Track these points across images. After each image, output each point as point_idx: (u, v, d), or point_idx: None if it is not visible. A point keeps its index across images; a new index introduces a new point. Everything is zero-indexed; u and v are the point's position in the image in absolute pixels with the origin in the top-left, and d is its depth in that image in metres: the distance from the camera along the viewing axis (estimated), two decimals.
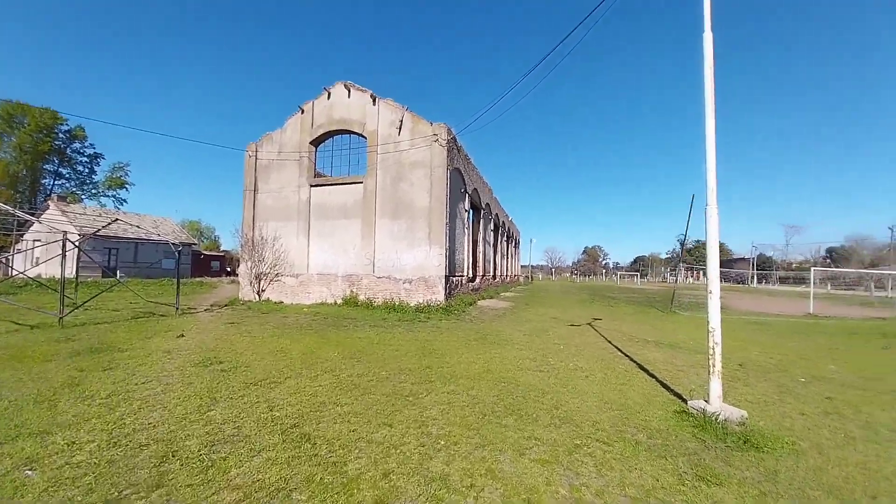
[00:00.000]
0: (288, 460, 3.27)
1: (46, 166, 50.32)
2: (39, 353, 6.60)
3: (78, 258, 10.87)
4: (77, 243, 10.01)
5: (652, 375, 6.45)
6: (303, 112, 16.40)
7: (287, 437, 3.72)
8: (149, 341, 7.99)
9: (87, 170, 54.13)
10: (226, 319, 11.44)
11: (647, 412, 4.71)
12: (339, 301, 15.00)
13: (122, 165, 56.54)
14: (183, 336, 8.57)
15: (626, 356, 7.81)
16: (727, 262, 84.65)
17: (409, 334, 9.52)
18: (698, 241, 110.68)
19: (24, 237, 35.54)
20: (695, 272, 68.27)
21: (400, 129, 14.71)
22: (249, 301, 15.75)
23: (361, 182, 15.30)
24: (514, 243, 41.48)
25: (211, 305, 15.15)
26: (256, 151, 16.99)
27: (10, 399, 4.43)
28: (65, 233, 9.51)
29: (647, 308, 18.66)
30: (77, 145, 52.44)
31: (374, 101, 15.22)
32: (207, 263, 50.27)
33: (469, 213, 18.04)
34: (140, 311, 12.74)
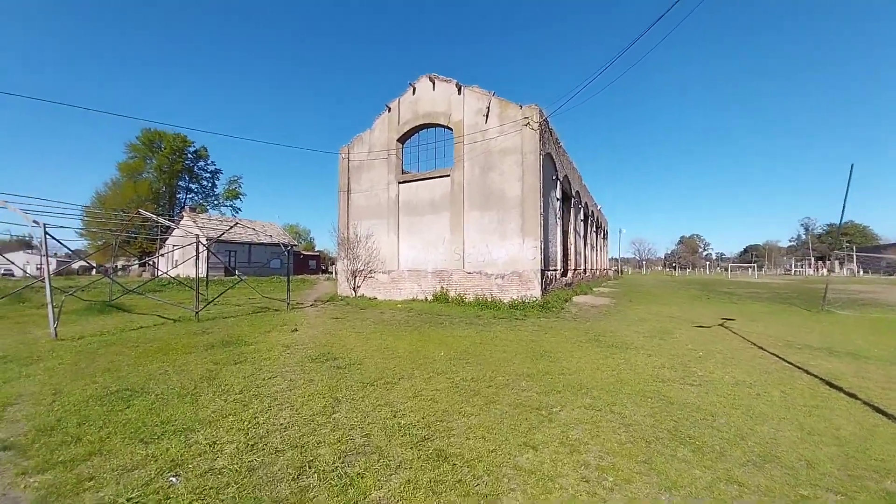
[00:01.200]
0: (430, 485, 2.81)
1: (180, 183, 59.98)
2: (181, 345, 7.30)
3: (207, 259, 12.31)
4: (206, 246, 11.21)
5: (851, 395, 4.91)
6: (389, 110, 16.64)
7: (420, 452, 3.29)
8: (268, 335, 8.50)
9: (209, 184, 63.34)
10: (330, 315, 11.97)
11: (876, 448, 3.43)
12: (430, 297, 14.92)
13: (236, 178, 65.20)
14: (297, 331, 9.00)
15: (798, 368, 6.18)
16: (873, 248, 68.94)
17: (511, 333, 8.86)
18: (831, 226, 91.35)
19: (167, 242, 42.60)
20: (828, 262, 56.60)
21: (487, 116, 14.03)
22: (347, 297, 16.52)
23: (449, 175, 14.98)
24: (602, 234, 38.32)
25: (314, 301, 16.20)
26: (349, 153, 17.73)
27: (157, 392, 4.74)
28: (197, 236, 10.67)
29: (785, 306, 15.47)
30: (202, 163, 61.58)
31: (458, 90, 14.77)
32: (306, 262, 55.44)
33: (559, 201, 16.71)
34: (257, 306, 14.02)
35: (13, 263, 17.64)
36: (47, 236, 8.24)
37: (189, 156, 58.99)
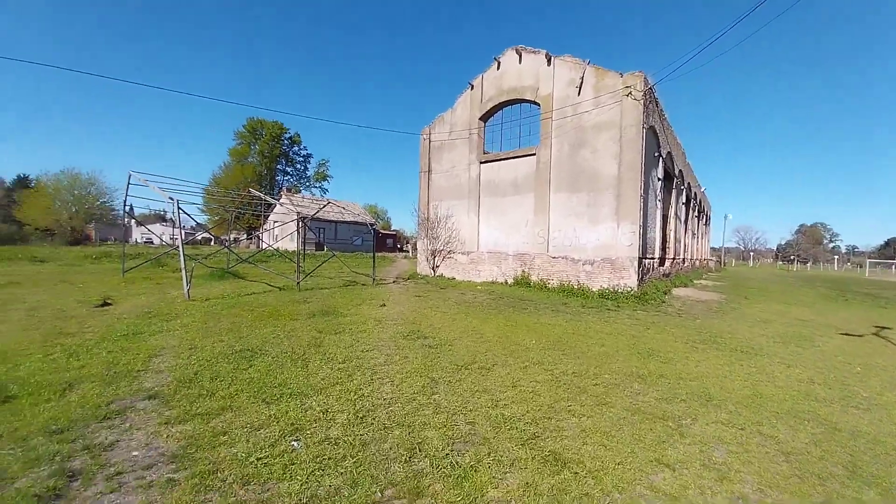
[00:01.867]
0: (552, 493, 2.52)
1: (277, 166, 66.40)
2: (287, 312, 7.92)
3: (304, 235, 13.38)
4: (306, 223, 12.08)
5: None
6: (472, 88, 16.13)
7: (534, 452, 3.01)
8: (360, 308, 8.89)
9: (302, 167, 69.15)
10: (412, 292, 12.24)
11: None
12: (510, 280, 14.50)
13: (324, 162, 70.26)
14: (385, 306, 9.29)
15: None
16: None
17: (605, 325, 8.13)
18: None
19: (268, 219, 47.67)
20: None
21: (580, 87, 12.82)
22: (426, 276, 16.85)
23: (534, 154, 14.15)
24: (704, 220, 33.90)
25: (396, 278, 16.80)
26: (430, 134, 17.72)
27: (273, 355, 5.10)
28: (299, 213, 11.51)
29: None
30: (296, 148, 67.26)
31: (548, 61, 13.68)
32: (384, 240, 58.34)
33: (661, 182, 14.87)
34: (346, 279, 14.93)
35: (152, 233, 21.09)
36: (179, 211, 9.45)
37: (285, 141, 64.81)
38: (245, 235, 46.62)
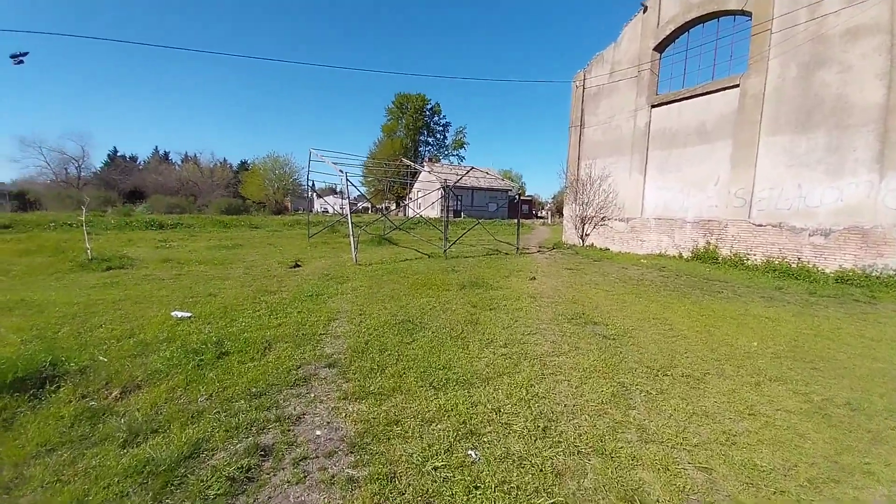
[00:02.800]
0: None
1: (420, 137, 70.49)
2: (439, 282, 7.84)
3: (447, 203, 13.44)
4: (452, 191, 11.96)
5: None
6: (645, 10, 12.97)
7: None
8: (509, 280, 8.29)
9: (441, 136, 71.80)
10: (561, 264, 11.05)
11: None
12: (687, 254, 11.78)
13: (461, 129, 71.41)
14: (535, 279, 8.46)
15: None
16: None
17: (865, 326, 5.59)
18: None
19: (413, 188, 51.44)
20: None
21: None
22: (574, 245, 15.24)
23: (736, 85, 10.66)
24: None
25: (539, 247, 15.71)
26: (584, 80, 15.32)
27: (432, 329, 4.85)
28: (444, 181, 11.41)
29: None
30: (436, 118, 69.94)
31: None
32: (519, 207, 56.83)
33: None
34: (488, 248, 14.61)
35: (328, 203, 24.75)
36: (348, 182, 10.28)
37: (427, 113, 67.91)
38: (395, 204, 51.76)
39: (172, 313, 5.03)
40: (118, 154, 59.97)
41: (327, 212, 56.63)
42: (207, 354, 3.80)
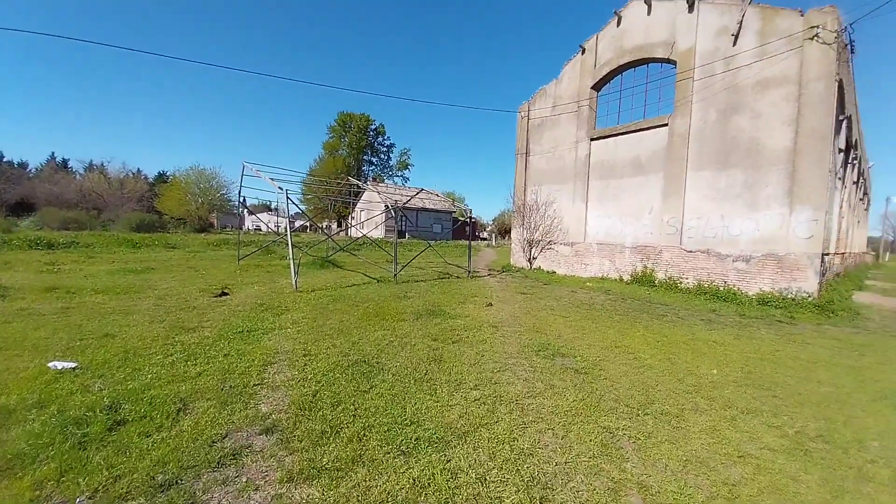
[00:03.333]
0: None
1: (364, 157, 69.43)
2: (392, 310, 7.21)
3: (396, 224, 12.91)
4: (399, 212, 11.47)
5: None
6: (583, 52, 13.96)
7: None
8: (465, 307, 7.90)
9: (386, 157, 71.44)
10: (514, 288, 10.98)
11: None
12: (627, 277, 12.40)
13: (406, 151, 71.74)
14: (492, 305, 8.18)
15: None
16: None
17: (796, 348, 6.03)
18: None
19: (356, 208, 50.00)
20: None
21: (737, 35, 10.04)
22: (522, 268, 15.43)
23: (665, 125, 11.70)
24: (866, 204, 26.86)
25: (489, 269, 15.68)
26: (528, 111, 16.00)
27: (392, 371, 4.25)
28: (394, 202, 10.91)
29: None
30: (381, 139, 69.61)
31: (690, 7, 11.00)
32: (462, 229, 57.77)
33: (842, 154, 11.33)
34: (438, 270, 14.22)
35: (261, 221, 22.82)
36: (288, 200, 9.34)
37: (371, 133, 67.37)
38: (336, 224, 49.73)
39: (50, 364, 3.85)
40: (3, 160, 51.00)
41: (260, 230, 52.69)
42: (95, 426, 2.84)
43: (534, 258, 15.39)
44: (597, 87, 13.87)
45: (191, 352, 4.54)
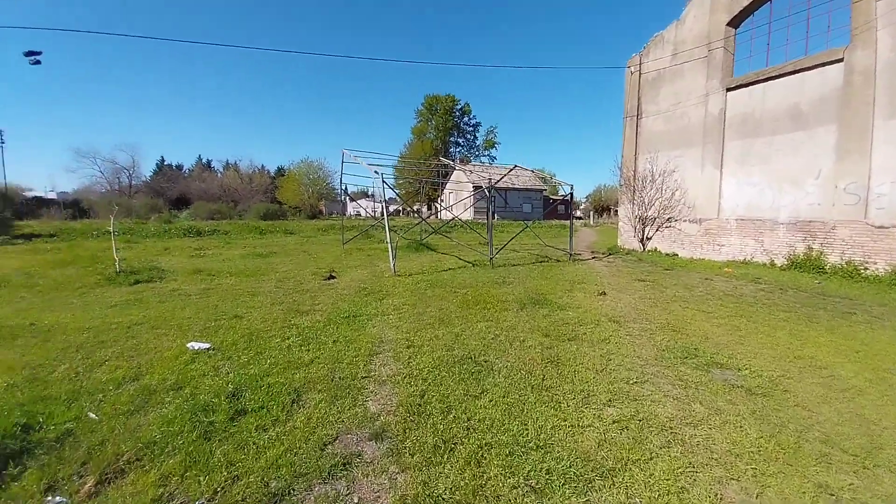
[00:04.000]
0: None
1: (450, 138, 69.56)
2: (492, 297, 6.70)
3: (491, 205, 12.29)
4: (493, 193, 10.81)
5: None
6: None
7: None
8: (573, 295, 7.03)
9: (472, 136, 70.62)
10: (628, 274, 9.60)
11: None
12: (781, 261, 9.97)
13: (492, 129, 69.97)
14: (605, 294, 7.14)
15: None
16: None
17: None
18: None
19: (444, 190, 50.56)
20: None
21: None
22: (633, 250, 13.60)
23: (839, 60, 8.83)
24: None
25: (592, 252, 14.21)
26: (640, 64, 13.69)
27: (503, 371, 3.74)
28: (489, 180, 10.26)
29: None
30: (466, 119, 68.87)
31: None
32: (555, 207, 54.61)
33: None
34: (534, 253, 13.30)
35: (361, 206, 24.23)
36: (384, 184, 9.37)
37: (457, 113, 66.97)
38: (426, 207, 51.16)
39: (189, 345, 4.20)
40: (165, 163, 63.30)
41: (360, 215, 56.87)
42: (219, 414, 2.88)
43: (648, 238, 13.42)
44: (734, 22, 11.11)
45: (304, 336, 4.63)
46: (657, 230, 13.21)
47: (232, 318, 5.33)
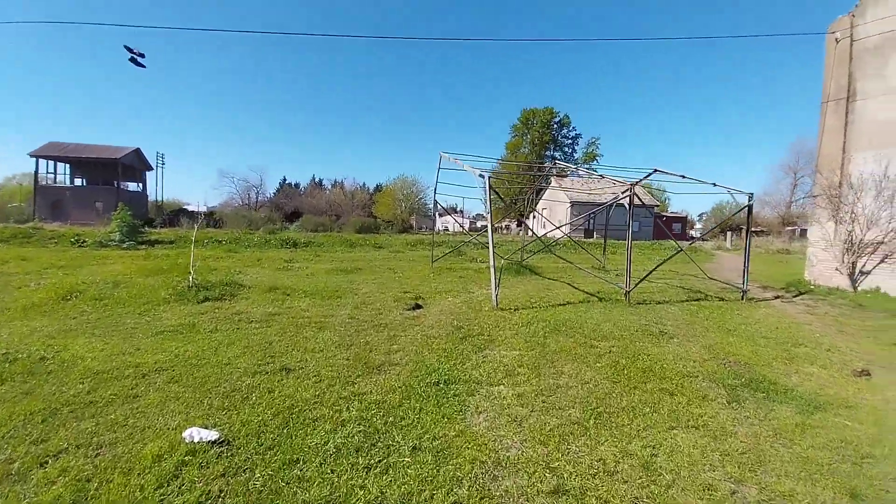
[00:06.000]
0: None
1: (546, 153, 65.95)
2: (659, 363, 4.15)
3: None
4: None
5: None
6: None
7: None
8: (808, 372, 4.09)
9: (570, 150, 66.16)
10: (865, 330, 6.03)
11: None
12: None
13: (594, 140, 64.70)
14: (870, 376, 4.02)
15: None
16: None
17: None
18: None
19: (537, 205, 47.30)
20: None
21: None
22: (836, 288, 9.36)
23: None
24: None
25: (764, 288, 10.28)
26: (851, 29, 9.68)
27: None
28: (631, 185, 7.66)
29: None
30: (565, 131, 64.87)
31: None
32: (669, 226, 47.27)
33: None
34: (677, 286, 10.01)
35: (451, 221, 22.83)
36: (490, 189, 7.43)
37: (554, 126, 63.44)
38: (516, 223, 48.65)
39: (185, 434, 2.59)
40: (286, 182, 71.78)
41: (448, 230, 56.60)
42: None
43: (863, 272, 9.12)
44: None
45: (366, 426, 2.78)
46: (882, 261, 8.87)
47: (278, 371, 3.75)
